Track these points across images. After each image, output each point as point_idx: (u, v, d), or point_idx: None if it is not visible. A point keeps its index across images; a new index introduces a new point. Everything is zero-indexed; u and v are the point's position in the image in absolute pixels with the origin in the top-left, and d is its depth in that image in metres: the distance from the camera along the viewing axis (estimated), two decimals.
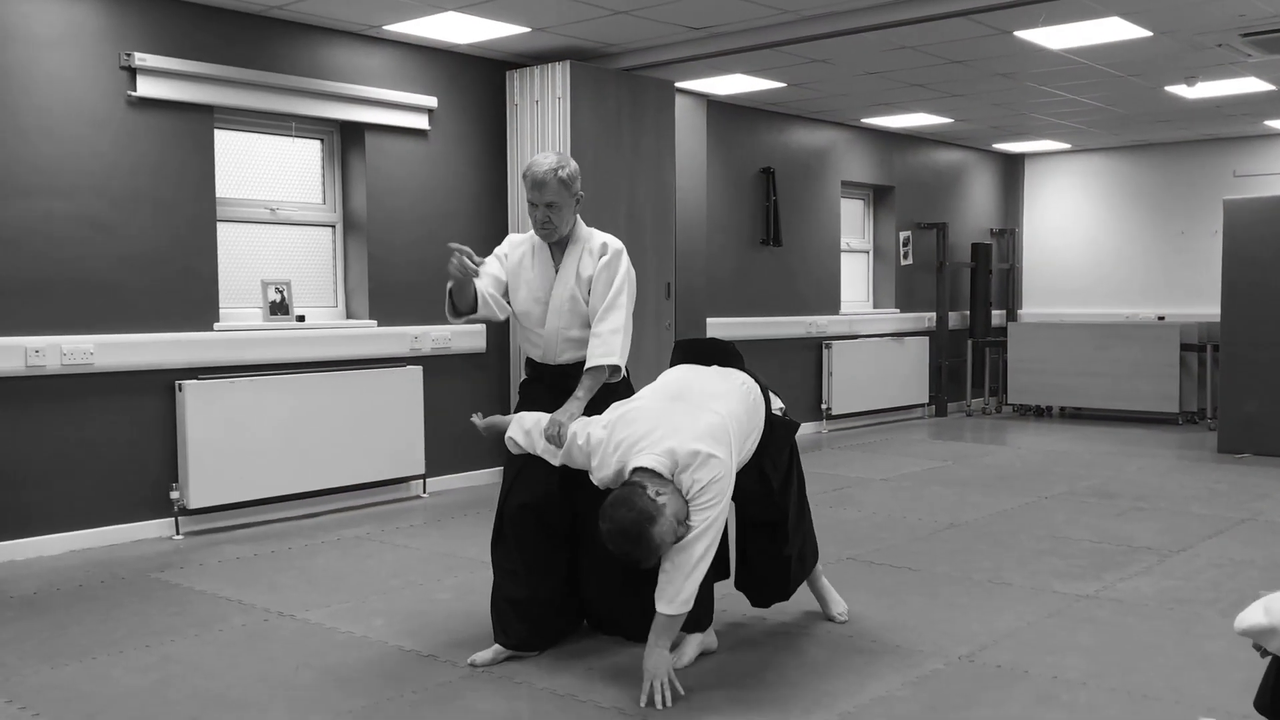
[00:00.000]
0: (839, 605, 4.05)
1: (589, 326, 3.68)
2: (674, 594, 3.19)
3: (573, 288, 3.68)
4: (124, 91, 5.39)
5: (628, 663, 3.56)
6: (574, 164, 3.67)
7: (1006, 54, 7.06)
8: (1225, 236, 8.11)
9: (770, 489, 3.65)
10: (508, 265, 3.80)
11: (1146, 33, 6.47)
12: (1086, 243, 11.77)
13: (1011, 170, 12.09)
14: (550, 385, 3.75)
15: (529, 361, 3.88)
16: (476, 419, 3.69)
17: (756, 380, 3.63)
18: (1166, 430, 9.43)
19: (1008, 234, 11.98)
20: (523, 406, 3.79)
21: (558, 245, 3.74)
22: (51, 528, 5.22)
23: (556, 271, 3.73)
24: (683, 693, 3.25)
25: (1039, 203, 12.12)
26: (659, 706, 3.16)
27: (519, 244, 3.84)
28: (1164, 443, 8.69)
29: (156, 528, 5.54)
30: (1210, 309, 9.64)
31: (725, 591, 3.93)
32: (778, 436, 3.64)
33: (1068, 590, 4.43)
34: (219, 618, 4.14)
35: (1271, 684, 1.93)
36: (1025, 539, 5.34)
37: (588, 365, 3.63)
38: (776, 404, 3.70)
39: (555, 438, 3.45)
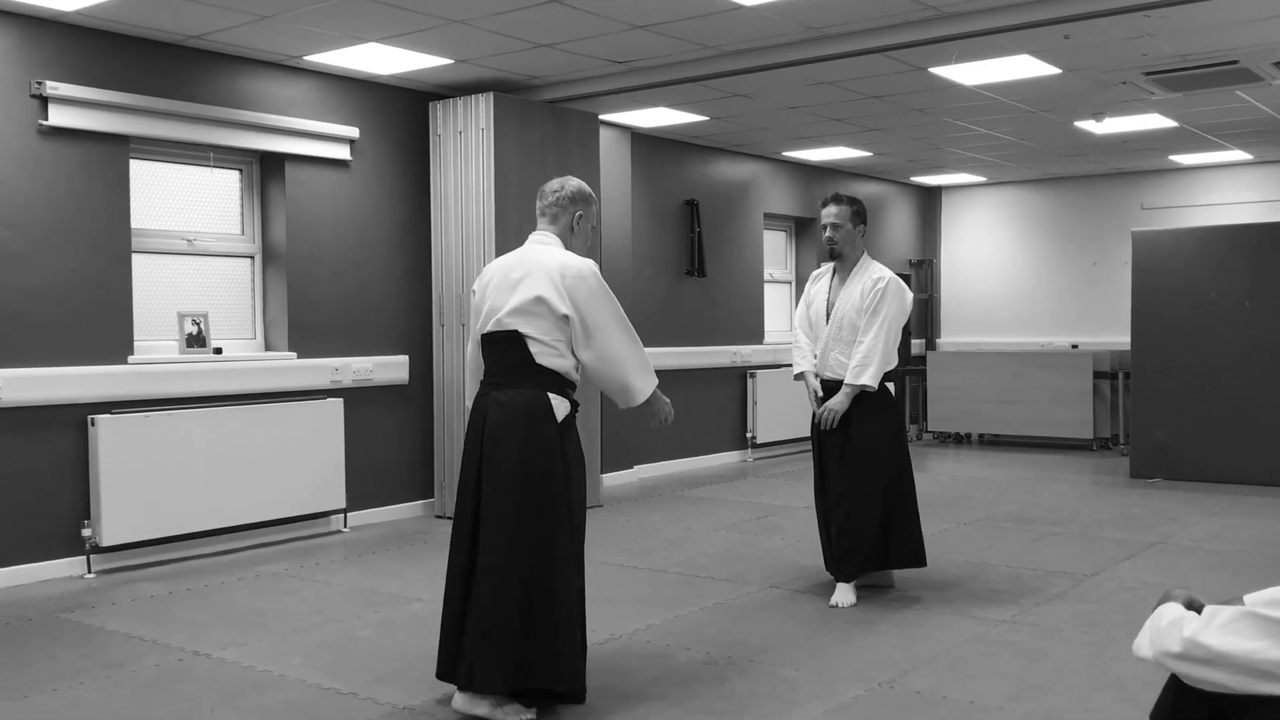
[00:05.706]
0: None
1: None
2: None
3: None
4: (35, 121, 5.28)
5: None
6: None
7: (922, 90, 7.23)
8: (1134, 267, 8.35)
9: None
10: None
11: (1055, 70, 6.67)
12: (1003, 273, 12.05)
13: (929, 202, 12.35)
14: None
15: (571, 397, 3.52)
16: None
17: None
18: (1081, 456, 9.65)
19: (926, 265, 12.22)
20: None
21: None
22: None
23: None
24: None
25: (956, 234, 12.38)
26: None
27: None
28: (1079, 468, 8.90)
29: (67, 566, 5.39)
30: (1122, 338, 9.92)
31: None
32: None
33: (986, 615, 4.50)
34: (132, 658, 4.04)
35: (1171, 697, 1.98)
36: (944, 565, 5.42)
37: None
38: None
39: None
